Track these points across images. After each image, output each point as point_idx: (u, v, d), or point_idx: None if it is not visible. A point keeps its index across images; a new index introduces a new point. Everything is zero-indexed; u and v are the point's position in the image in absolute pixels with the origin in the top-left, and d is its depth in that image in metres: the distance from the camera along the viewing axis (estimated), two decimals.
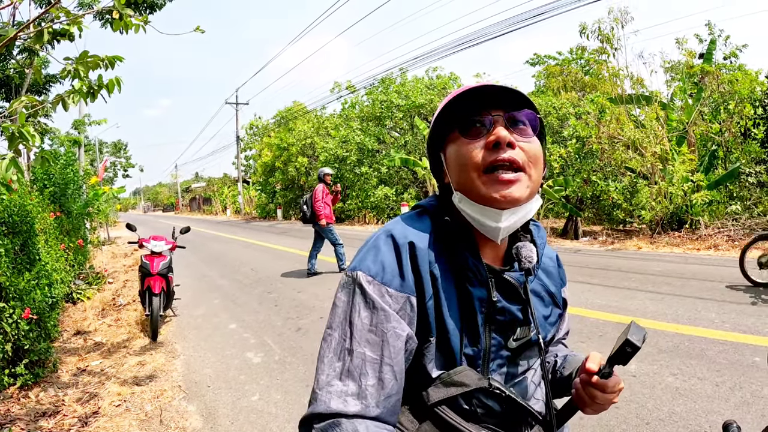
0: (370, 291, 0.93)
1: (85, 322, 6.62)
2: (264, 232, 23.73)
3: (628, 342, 0.94)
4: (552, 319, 1.17)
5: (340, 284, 0.98)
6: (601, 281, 7.91)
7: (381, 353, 0.89)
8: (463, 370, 0.97)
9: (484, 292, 1.01)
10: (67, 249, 7.91)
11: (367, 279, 0.94)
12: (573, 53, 27.36)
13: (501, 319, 1.03)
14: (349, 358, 0.89)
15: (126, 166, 47.45)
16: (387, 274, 0.94)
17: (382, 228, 1.04)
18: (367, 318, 0.91)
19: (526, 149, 0.98)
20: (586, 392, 1.04)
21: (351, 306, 0.93)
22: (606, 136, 13.66)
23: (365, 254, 0.99)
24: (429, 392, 0.96)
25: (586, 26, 13.86)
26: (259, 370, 4.82)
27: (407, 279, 0.95)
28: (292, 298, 7.83)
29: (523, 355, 1.08)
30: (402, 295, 0.94)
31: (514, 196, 0.96)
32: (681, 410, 3.47)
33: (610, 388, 1.02)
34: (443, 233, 1.03)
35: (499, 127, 0.97)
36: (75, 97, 2.98)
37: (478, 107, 1.00)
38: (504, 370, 1.05)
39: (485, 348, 1.01)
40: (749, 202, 12.72)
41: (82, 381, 4.61)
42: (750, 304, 5.98)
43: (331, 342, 0.92)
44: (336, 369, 0.89)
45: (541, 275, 1.15)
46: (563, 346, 1.33)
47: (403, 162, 22.14)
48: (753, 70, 14.37)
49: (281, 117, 37.12)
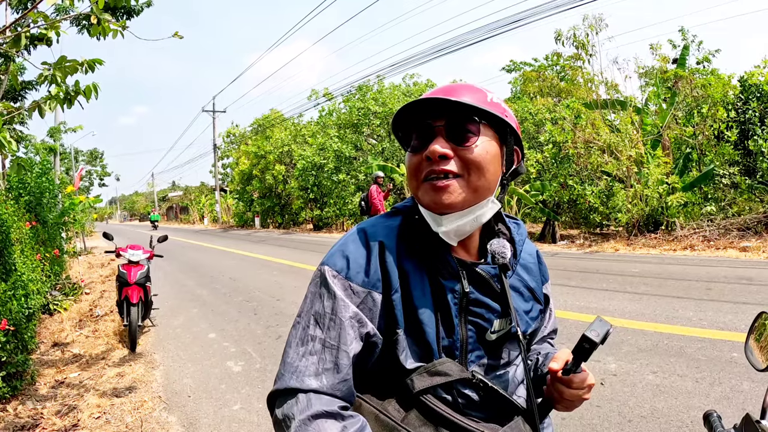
0: (333, 284, 0.99)
1: (63, 334, 6.50)
2: (242, 240, 23.57)
3: (585, 338, 0.96)
4: (533, 314, 1.18)
5: (312, 278, 1.05)
6: (579, 283, 8.00)
7: (338, 340, 0.96)
8: (445, 362, 1.01)
9: (456, 284, 1.04)
10: (43, 259, 7.75)
11: (333, 273, 1.01)
12: (549, 60, 27.68)
13: (475, 311, 1.06)
14: (311, 344, 0.96)
15: (102, 174, 46.76)
16: (352, 270, 1.01)
17: (356, 226, 1.11)
18: (330, 308, 0.98)
19: (465, 157, 1.01)
20: (554, 388, 1.07)
21: (316, 297, 1.01)
22: (582, 140, 13.85)
23: (335, 251, 1.05)
24: (414, 380, 0.99)
25: (562, 33, 14.06)
26: (239, 378, 4.78)
27: (371, 275, 1.01)
28: (272, 306, 7.78)
29: (503, 348, 1.10)
30: (364, 290, 1.00)
31: (446, 203, 1.00)
32: (662, 407, 3.51)
33: (576, 384, 1.04)
34: (414, 231, 1.08)
35: (436, 140, 1.01)
36: (52, 103, 2.93)
37: (423, 117, 1.04)
38: (484, 362, 1.07)
39: (462, 339, 1.04)
40: (724, 203, 12.99)
41: (60, 393, 4.51)
42: (726, 301, 6.09)
43: (298, 328, 1.01)
44: (299, 352, 0.97)
45: (520, 271, 1.18)
46: (549, 345, 1.35)
47: (380, 169, 22.16)
48: (725, 74, 14.73)
49: (258, 125, 36.88)
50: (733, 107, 13.17)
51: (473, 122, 1.02)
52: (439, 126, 1.02)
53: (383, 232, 1.06)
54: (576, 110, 14.61)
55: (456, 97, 1.01)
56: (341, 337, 0.96)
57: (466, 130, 1.02)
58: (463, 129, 1.02)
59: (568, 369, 1.02)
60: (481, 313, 1.06)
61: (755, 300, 6.15)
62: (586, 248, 12.86)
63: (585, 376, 1.05)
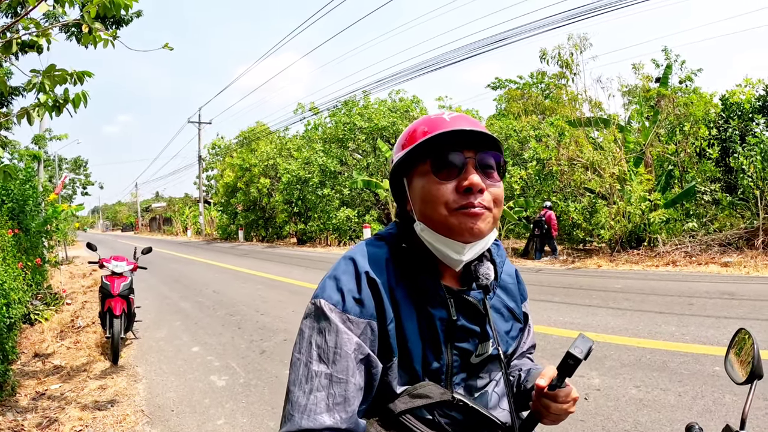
0: (332, 317, 0.98)
1: (44, 344, 6.40)
2: (225, 253, 23.42)
3: (569, 354, 1.02)
4: (513, 333, 1.23)
5: (306, 312, 1.03)
6: (563, 299, 8.05)
7: (347, 373, 0.95)
8: (426, 385, 1.04)
9: (444, 313, 1.06)
10: (25, 268, 7.63)
11: (329, 307, 0.99)
12: (533, 77, 28.04)
13: (462, 337, 1.09)
14: (317, 379, 0.94)
15: (85, 183, 46.19)
16: (347, 302, 0.99)
17: (344, 255, 1.10)
18: (333, 341, 0.96)
19: (493, 193, 1.05)
20: (541, 403, 1.10)
21: (316, 331, 0.99)
22: (565, 158, 14.03)
23: (328, 284, 1.03)
24: (396, 403, 1.02)
25: (547, 52, 14.28)
26: (223, 393, 4.73)
27: (367, 305, 1.00)
28: (255, 321, 7.72)
29: (485, 369, 1.14)
30: (362, 321, 0.99)
31: (480, 232, 1.02)
32: (645, 420, 3.54)
33: (562, 398, 1.07)
34: (402, 259, 1.09)
35: (472, 171, 1.02)
36: (40, 110, 2.92)
37: (451, 145, 1.04)
38: (467, 384, 1.11)
39: (448, 364, 1.07)
40: (705, 219, 13.21)
41: (41, 405, 4.43)
42: (707, 316, 6.17)
43: (299, 366, 0.98)
44: (305, 390, 0.94)
45: (499, 292, 1.22)
46: (529, 360, 1.39)
47: (365, 184, 22.17)
48: (707, 93, 15.05)
49: (244, 137, 36.80)
50: (715, 125, 13.46)
51: (499, 159, 1.07)
52: (470, 158, 1.04)
53: (374, 262, 1.05)
54: (560, 128, 14.83)
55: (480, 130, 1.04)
56: (348, 369, 0.95)
57: (492, 165, 1.06)
58: (490, 165, 1.06)
59: (553, 384, 1.06)
60: (467, 338, 1.09)
61: (737, 314, 6.24)
62: (569, 264, 12.95)
63: (569, 390, 1.09)
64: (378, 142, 23.98)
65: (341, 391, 0.94)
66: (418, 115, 27.18)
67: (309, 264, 16.43)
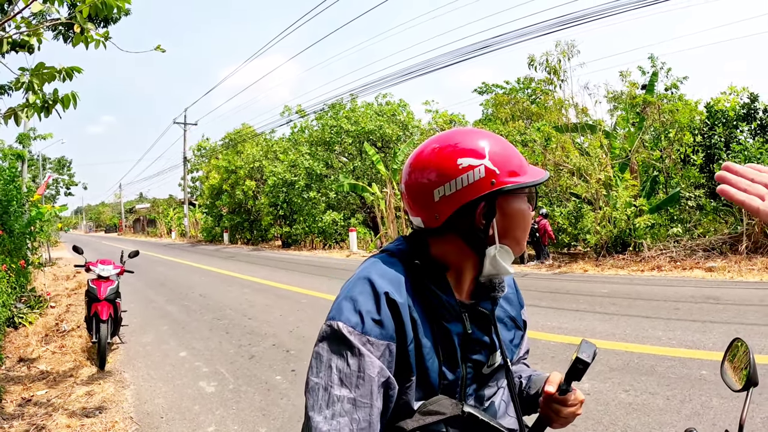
0: (352, 340, 0.95)
1: (29, 349, 6.30)
2: (211, 256, 23.26)
3: (579, 360, 1.08)
4: (516, 341, 1.27)
5: (321, 334, 1.01)
6: (550, 304, 8.09)
7: (371, 398, 0.94)
8: (438, 399, 1.04)
9: (460, 327, 1.08)
10: (9, 270, 7.51)
11: (348, 330, 0.96)
12: (520, 83, 28.17)
13: (475, 349, 1.11)
14: (339, 404, 0.92)
15: (69, 183, 45.63)
16: (367, 324, 0.97)
17: (358, 274, 1.07)
18: (355, 365, 0.94)
19: None
20: (551, 408, 1.15)
21: (335, 355, 0.96)
22: (552, 163, 14.14)
23: (344, 305, 1.01)
24: (407, 421, 1.01)
25: (534, 58, 14.38)
26: (213, 399, 4.69)
27: (387, 327, 0.98)
28: (243, 325, 7.67)
29: (493, 378, 1.17)
30: (382, 343, 0.97)
31: None
32: (635, 424, 3.57)
33: (571, 402, 1.14)
34: (416, 276, 1.08)
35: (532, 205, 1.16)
36: (29, 111, 2.88)
37: None
38: (477, 394, 1.14)
39: (463, 377, 1.09)
40: (689, 225, 13.34)
41: (27, 412, 4.37)
42: (693, 320, 6.23)
43: (317, 390, 0.95)
44: (326, 415, 0.92)
45: (502, 302, 1.24)
46: (525, 366, 1.41)
47: (351, 187, 22.12)
48: (692, 100, 15.23)
49: (230, 139, 36.48)
50: (699, 132, 13.64)
51: None
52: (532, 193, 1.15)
53: (391, 282, 1.03)
54: (546, 133, 14.93)
55: None
56: (372, 394, 0.94)
57: None
58: None
59: (563, 389, 1.12)
60: (480, 350, 1.12)
61: (722, 319, 6.32)
62: (555, 269, 13.03)
63: (577, 393, 1.14)
64: (365, 146, 23.93)
65: (365, 416, 0.92)
66: (405, 119, 27.26)
67: (294, 267, 16.38)
